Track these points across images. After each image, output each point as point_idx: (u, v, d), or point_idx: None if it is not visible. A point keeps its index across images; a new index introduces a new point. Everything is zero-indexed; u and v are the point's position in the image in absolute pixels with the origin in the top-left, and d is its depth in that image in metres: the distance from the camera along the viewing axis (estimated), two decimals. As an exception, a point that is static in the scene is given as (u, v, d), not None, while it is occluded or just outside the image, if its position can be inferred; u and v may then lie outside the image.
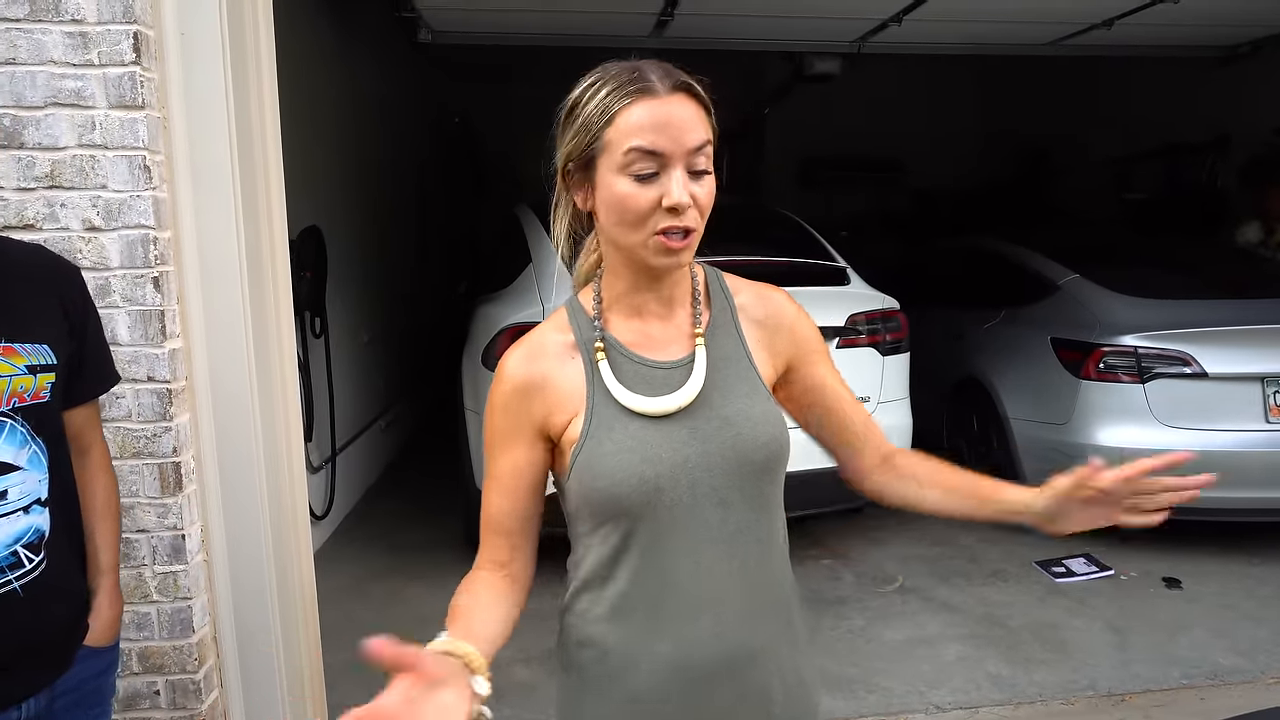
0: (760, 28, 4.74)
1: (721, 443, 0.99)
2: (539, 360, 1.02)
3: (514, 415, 1.01)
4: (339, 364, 4.17)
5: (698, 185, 0.94)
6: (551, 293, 3.35)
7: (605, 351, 1.01)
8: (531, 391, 1.00)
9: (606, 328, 1.03)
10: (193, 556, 1.92)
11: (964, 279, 4.87)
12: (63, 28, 1.74)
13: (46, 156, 1.76)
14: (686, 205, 0.92)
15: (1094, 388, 3.61)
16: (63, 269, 1.36)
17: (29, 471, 1.25)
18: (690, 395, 0.99)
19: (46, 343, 1.26)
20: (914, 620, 3.16)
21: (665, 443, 0.98)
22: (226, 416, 1.95)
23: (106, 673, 1.41)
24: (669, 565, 0.99)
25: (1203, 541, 3.73)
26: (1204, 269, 4.37)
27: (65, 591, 1.32)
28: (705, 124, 0.95)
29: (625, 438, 0.98)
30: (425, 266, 6.65)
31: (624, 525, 0.98)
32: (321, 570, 2.98)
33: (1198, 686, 2.70)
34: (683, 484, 0.97)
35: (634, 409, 0.98)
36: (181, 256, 1.88)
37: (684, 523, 0.98)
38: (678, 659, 1.00)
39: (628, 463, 0.97)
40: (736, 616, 1.01)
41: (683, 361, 1.02)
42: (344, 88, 4.56)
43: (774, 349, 1.07)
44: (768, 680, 1.04)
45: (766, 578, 1.04)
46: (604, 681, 1.03)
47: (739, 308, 1.07)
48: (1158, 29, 4.79)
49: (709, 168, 0.95)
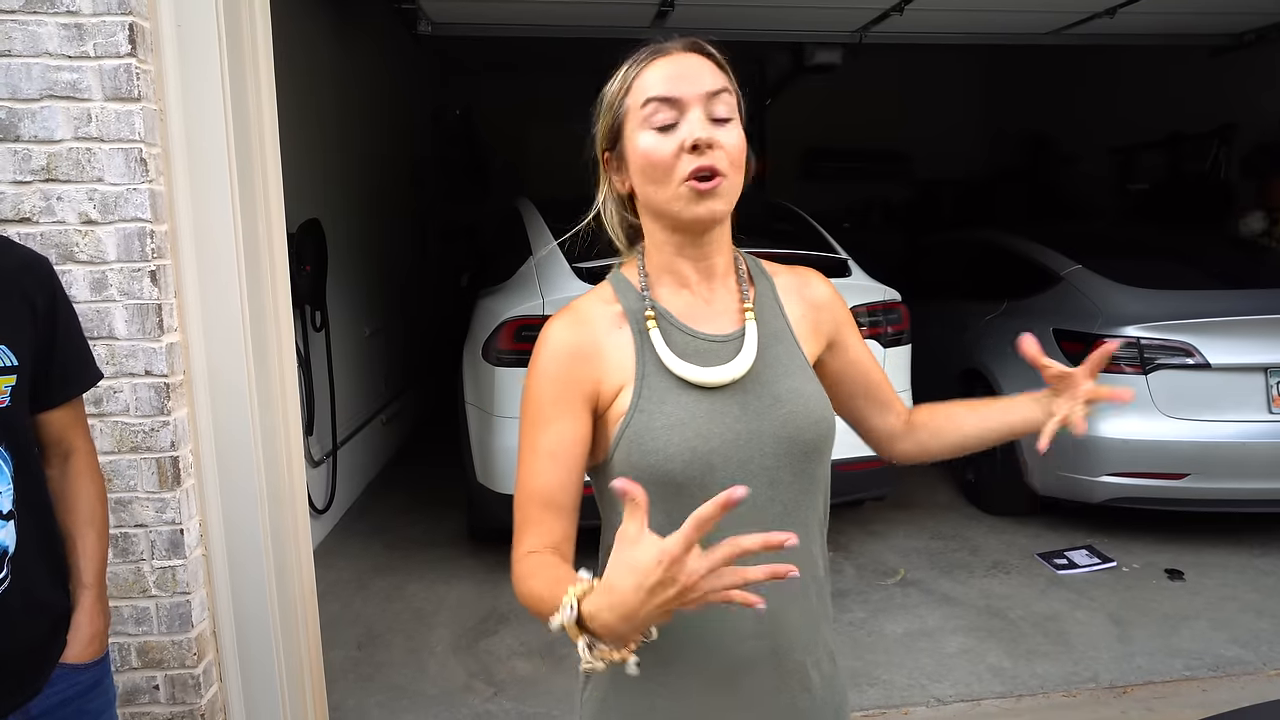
0: (761, 17, 4.72)
1: (773, 420, 0.97)
2: (588, 327, 0.99)
3: (563, 383, 0.96)
4: (340, 358, 4.16)
5: (721, 130, 0.93)
6: (552, 286, 3.34)
7: (656, 320, 0.98)
8: (581, 358, 0.96)
9: (655, 299, 1.00)
10: (191, 551, 1.91)
11: (966, 270, 4.86)
12: (58, 19, 1.72)
13: (42, 149, 1.75)
14: (705, 141, 0.91)
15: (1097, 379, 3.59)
16: (27, 261, 1.25)
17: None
18: (744, 367, 0.97)
19: (5, 343, 1.17)
20: (915, 613, 3.15)
21: (717, 417, 0.95)
22: (225, 411, 1.94)
23: (92, 691, 1.31)
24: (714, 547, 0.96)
25: (1205, 533, 3.72)
26: (1207, 259, 4.35)
27: (36, 607, 1.22)
28: (722, 76, 0.96)
29: (677, 409, 0.94)
30: (426, 260, 6.64)
31: (670, 504, 0.92)
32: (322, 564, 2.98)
33: (1200, 679, 2.69)
34: (734, 461, 0.94)
35: (688, 379, 0.95)
36: (179, 250, 1.87)
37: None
38: (723, 641, 0.97)
39: (680, 436, 0.93)
40: (781, 598, 0.97)
41: (733, 335, 1.00)
42: (343, 80, 4.54)
43: (818, 328, 1.08)
44: (805, 661, 1.03)
45: (808, 558, 1.02)
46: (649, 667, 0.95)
47: (780, 288, 1.07)
48: (1161, 17, 4.76)
49: (731, 115, 0.94)
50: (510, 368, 3.29)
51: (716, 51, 0.97)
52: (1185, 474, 3.48)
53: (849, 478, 3.41)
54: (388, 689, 2.72)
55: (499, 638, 3.04)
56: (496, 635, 3.06)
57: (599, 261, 3.45)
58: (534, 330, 3.27)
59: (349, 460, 4.34)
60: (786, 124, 7.97)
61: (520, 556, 0.95)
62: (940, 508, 4.22)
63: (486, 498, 3.46)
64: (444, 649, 2.98)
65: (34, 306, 1.22)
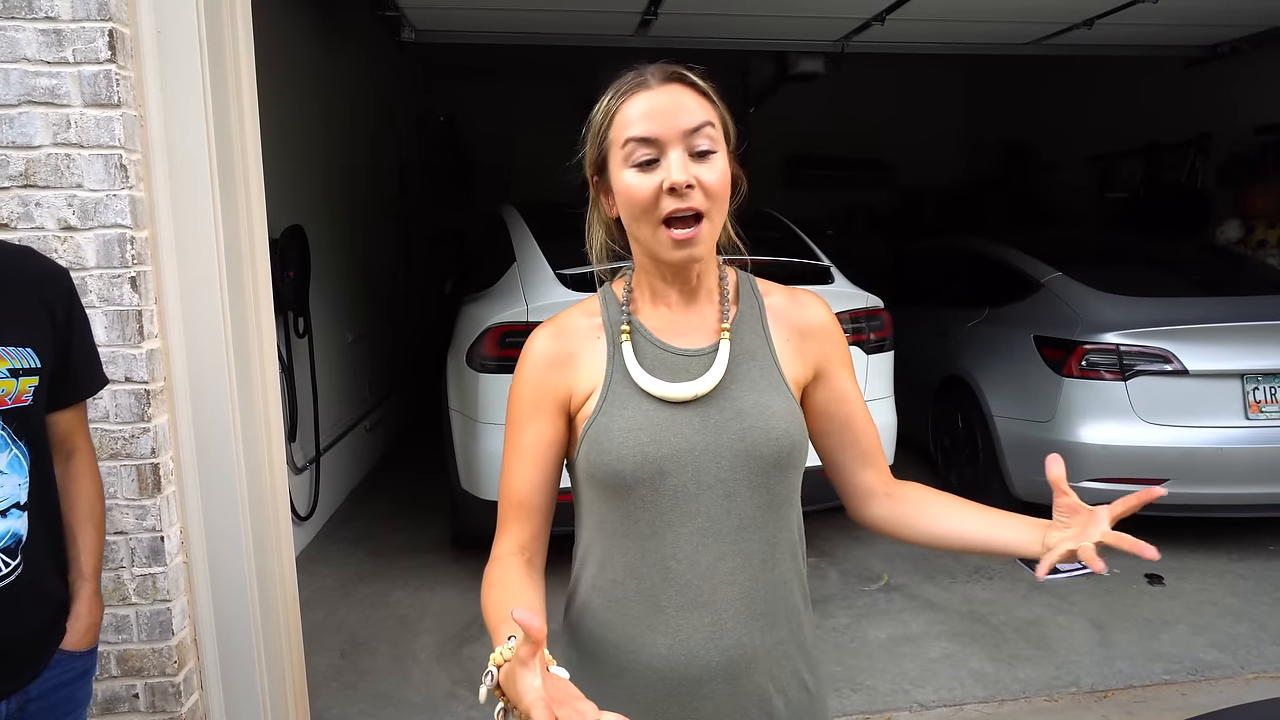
0: (744, 26, 4.75)
1: (732, 434, 0.98)
2: (566, 338, 1.04)
3: (539, 389, 1.02)
4: (323, 364, 4.14)
5: (702, 166, 0.94)
6: (535, 293, 3.34)
7: (630, 334, 1.03)
8: (557, 366, 1.02)
9: (635, 314, 1.05)
10: (172, 558, 1.90)
11: (948, 277, 4.90)
12: (36, 25, 1.71)
13: (20, 155, 1.74)
14: (683, 183, 0.92)
15: (1076, 385, 3.63)
16: (50, 272, 1.35)
17: (8, 475, 1.24)
18: (708, 384, 0.99)
19: (30, 346, 1.26)
20: (899, 618, 3.17)
21: (675, 427, 0.98)
22: (206, 417, 1.93)
23: (82, 679, 1.39)
24: (668, 555, 0.98)
25: (1184, 538, 3.76)
26: (1184, 267, 4.42)
27: (42, 596, 1.31)
28: (705, 107, 0.96)
29: (637, 416, 0.98)
30: (410, 266, 6.62)
31: (625, 506, 0.98)
32: (305, 572, 2.96)
33: (1179, 682, 2.72)
34: (688, 470, 0.97)
35: (649, 391, 0.99)
36: (159, 256, 1.86)
37: (687, 511, 0.97)
38: (674, 656, 0.99)
39: (635, 440, 0.97)
40: (737, 616, 0.99)
41: (705, 351, 1.02)
42: (326, 85, 4.52)
43: (804, 352, 1.06)
44: (767, 687, 1.02)
45: (773, 579, 1.02)
46: (603, 676, 1.02)
47: (769, 308, 1.07)
48: (1137, 28, 4.83)
49: (713, 148, 0.95)
50: (494, 374, 3.29)
51: (699, 79, 0.98)
52: (1164, 479, 3.52)
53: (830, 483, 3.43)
54: (371, 697, 2.70)
55: (483, 644, 3.03)
56: (480, 642, 3.05)
57: (583, 268, 3.46)
58: (518, 336, 3.27)
59: (332, 467, 4.32)
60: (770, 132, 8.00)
61: (494, 558, 1.02)
62: (923, 513, 4.24)
63: (470, 504, 3.45)
64: (428, 656, 2.96)
65: (53, 314, 1.31)
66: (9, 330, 1.24)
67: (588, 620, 1.04)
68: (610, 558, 1.01)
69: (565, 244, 3.66)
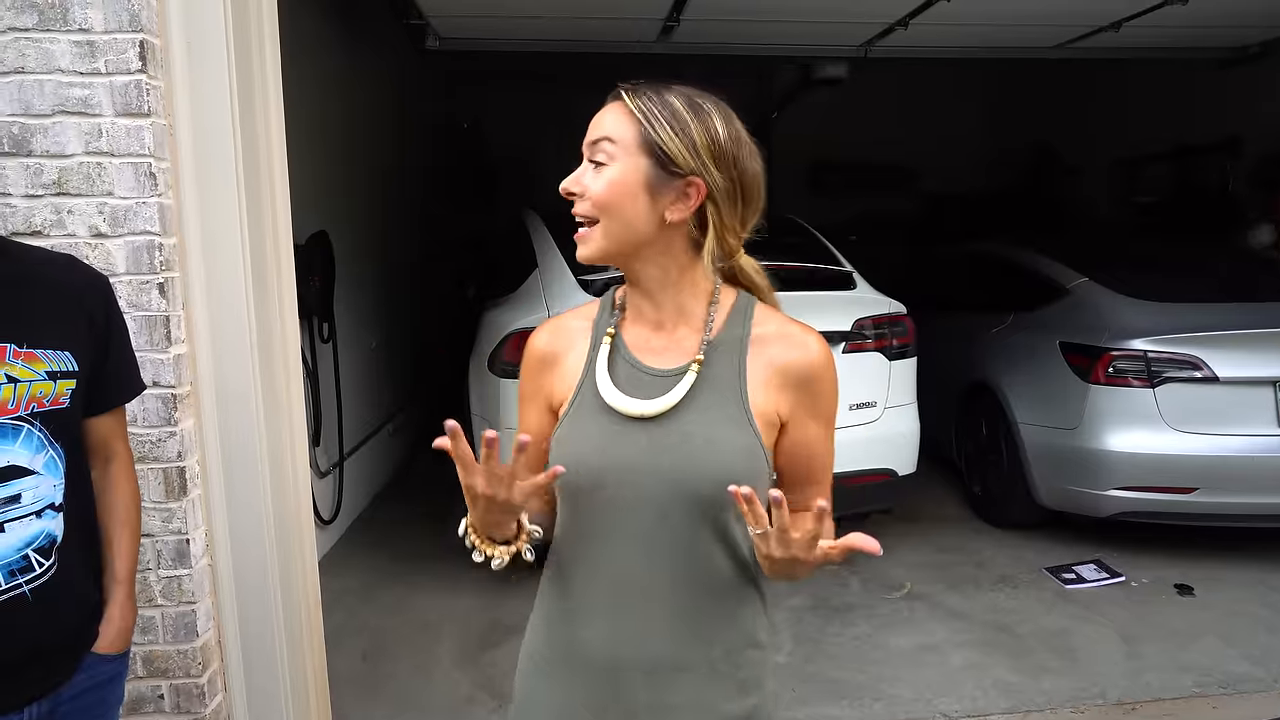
0: (766, 32, 4.75)
1: (674, 457, 1.01)
2: (558, 338, 1.13)
3: (532, 382, 1.14)
4: (347, 369, 4.18)
5: (593, 176, 1.02)
6: (557, 299, 3.36)
7: (611, 344, 1.08)
8: (545, 365, 1.12)
9: (621, 325, 1.10)
10: (197, 561, 1.92)
11: (972, 283, 4.86)
12: (70, 36, 1.75)
13: (54, 164, 1.77)
14: (566, 190, 1.03)
15: (1103, 392, 3.58)
16: (91, 278, 1.38)
17: (44, 476, 1.26)
18: (661, 406, 1.02)
19: (68, 350, 1.28)
20: (921, 627, 3.14)
21: (623, 442, 1.03)
22: (231, 421, 1.96)
23: (113, 682, 1.40)
24: (604, 556, 1.05)
25: (1215, 548, 3.69)
26: (1215, 272, 4.34)
27: (75, 597, 1.32)
28: (621, 125, 1.01)
29: (592, 426, 1.05)
30: (434, 272, 6.67)
31: (573, 507, 1.07)
32: (328, 575, 2.98)
33: (1210, 695, 2.67)
34: (626, 483, 1.02)
35: (608, 403, 1.04)
36: (187, 262, 1.89)
37: (622, 520, 1.03)
38: (603, 652, 1.06)
39: (581, 449, 1.04)
40: (663, 631, 1.04)
41: (674, 373, 1.05)
42: (351, 94, 4.58)
43: (779, 390, 1.05)
44: (695, 697, 1.05)
45: (706, 602, 1.04)
46: (554, 654, 1.11)
47: (755, 338, 1.06)
48: (1165, 31, 4.77)
49: (608, 160, 1.01)
50: (515, 379, 3.30)
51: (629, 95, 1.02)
52: (1194, 488, 3.46)
53: (853, 491, 3.41)
54: (392, 700, 2.72)
55: (503, 650, 3.04)
56: (501, 647, 3.06)
57: (604, 275, 3.47)
58: (539, 342, 3.28)
59: (355, 471, 4.36)
60: (793, 137, 7.99)
61: None
62: (946, 521, 4.20)
63: (492, 509, 3.46)
64: (449, 661, 2.98)
65: (93, 320, 1.34)
66: (47, 334, 1.27)
67: (544, 602, 1.15)
68: (560, 549, 1.11)
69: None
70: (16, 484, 1.22)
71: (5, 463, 1.21)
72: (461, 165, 7.81)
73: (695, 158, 0.99)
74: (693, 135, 1.00)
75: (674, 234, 1.03)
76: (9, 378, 1.21)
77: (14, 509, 1.22)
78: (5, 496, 1.21)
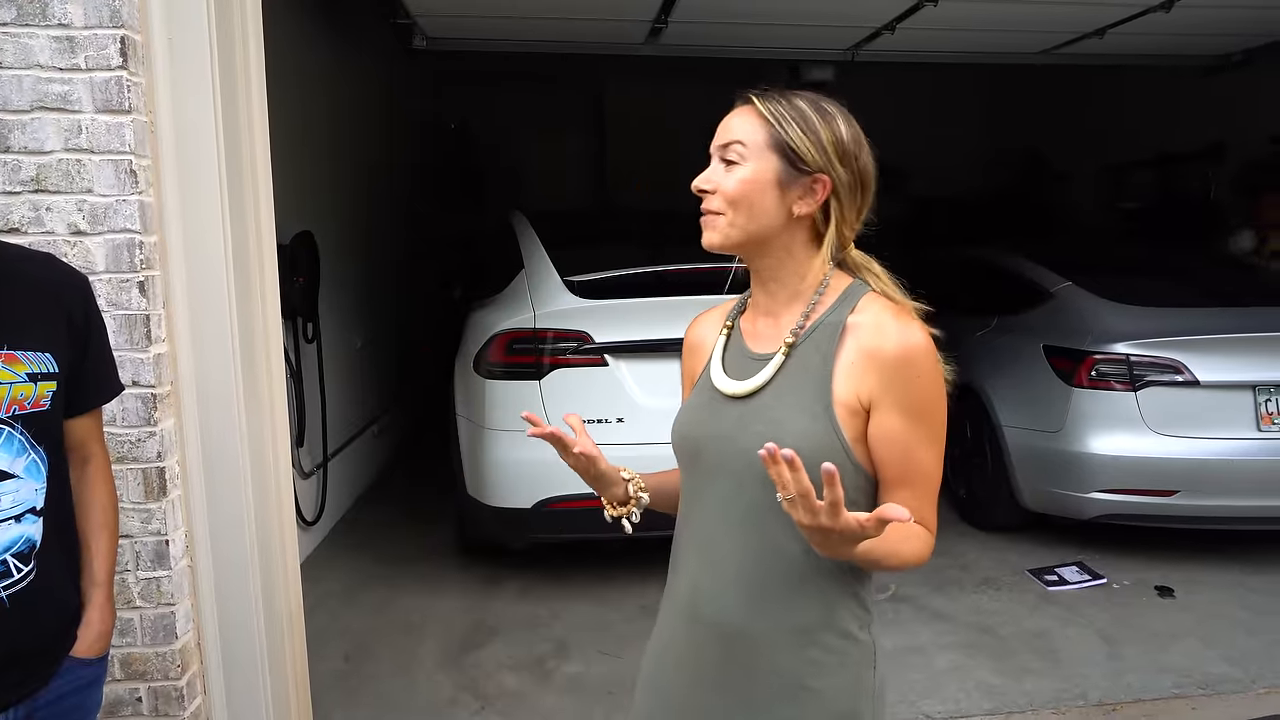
0: (753, 35, 4.76)
1: (749, 434, 1.08)
2: (704, 326, 1.28)
3: (685, 366, 1.30)
4: (331, 370, 4.16)
5: (724, 174, 1.11)
6: (543, 300, 3.35)
7: (729, 333, 1.21)
8: (690, 350, 1.29)
9: (742, 315, 1.22)
10: (176, 562, 1.90)
11: (957, 287, 4.88)
12: (49, 32, 1.73)
13: (32, 160, 1.75)
14: (698, 187, 1.12)
15: (1086, 396, 3.61)
16: (70, 278, 1.36)
17: (25, 480, 1.24)
18: (749, 386, 1.12)
19: (48, 351, 1.27)
20: (906, 629, 3.15)
21: (718, 417, 1.14)
22: (212, 421, 1.94)
23: (92, 686, 1.38)
24: (695, 516, 1.17)
25: (1195, 550, 3.72)
26: (1196, 277, 4.38)
27: (54, 602, 1.31)
28: (752, 127, 1.10)
29: (698, 403, 1.19)
30: (419, 272, 6.65)
31: (682, 470, 1.21)
32: (311, 577, 2.97)
33: (1189, 696, 2.69)
34: (716, 453, 1.13)
35: (714, 383, 1.16)
36: (168, 261, 1.87)
37: (710, 487, 1.14)
38: (685, 599, 1.17)
39: (687, 422, 1.19)
40: (729, 592, 1.12)
41: (768, 356, 1.14)
42: (337, 93, 4.55)
43: (864, 375, 1.07)
44: (754, 665, 1.11)
45: (772, 573, 1.10)
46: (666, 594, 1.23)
47: (850, 326, 1.09)
48: (1150, 38, 4.82)
49: (740, 160, 1.10)
50: (501, 380, 3.30)
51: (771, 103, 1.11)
52: (1174, 491, 3.49)
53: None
54: (375, 702, 2.70)
55: (487, 651, 3.03)
56: (484, 649, 3.04)
57: (590, 275, 3.47)
58: (525, 343, 3.27)
59: (339, 472, 4.33)
60: (781, 140, 8.01)
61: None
62: (931, 523, 4.22)
63: (477, 510, 3.45)
64: (432, 662, 2.96)
65: (72, 320, 1.32)
66: (29, 335, 1.25)
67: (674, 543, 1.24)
68: (680, 505, 1.22)
69: (573, 251, 3.68)
70: None
71: None
72: (448, 165, 7.78)
73: (823, 155, 1.09)
74: (820, 135, 1.09)
75: (798, 226, 1.12)
76: None
77: None
78: None
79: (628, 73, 2.87)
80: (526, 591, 3.50)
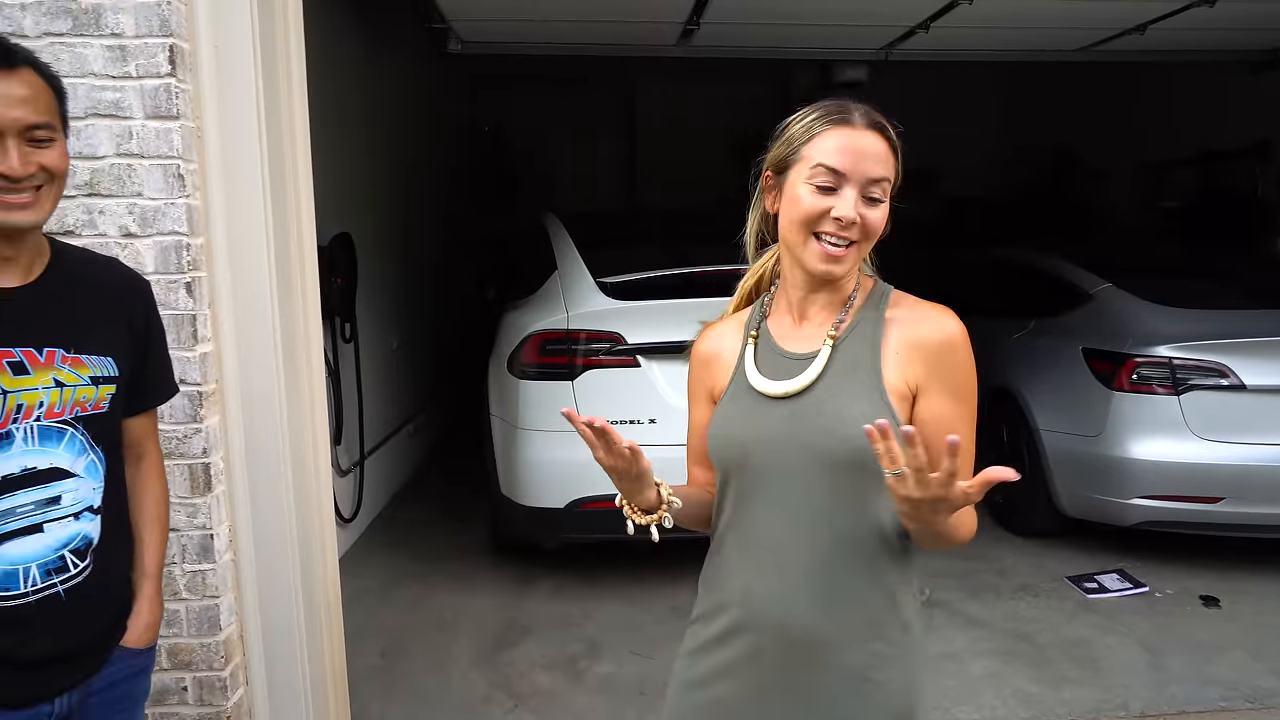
0: (786, 35, 4.74)
1: (811, 429, 1.10)
2: (719, 337, 1.27)
3: (696, 379, 1.28)
4: (368, 369, 4.22)
5: (870, 209, 1.10)
6: (576, 301, 3.37)
7: (756, 339, 1.21)
8: (704, 363, 1.27)
9: (766, 319, 1.23)
10: (220, 556, 1.95)
11: (994, 288, 4.81)
12: (103, 41, 1.79)
13: (86, 165, 1.81)
14: (851, 220, 1.09)
15: (1127, 399, 3.54)
16: (134, 284, 1.40)
17: (84, 479, 1.27)
18: (799, 384, 1.13)
19: (111, 355, 1.30)
20: (941, 635, 3.11)
21: (765, 418, 1.14)
22: (255, 419, 1.99)
23: (140, 676, 1.42)
24: (750, 518, 1.16)
25: (1241, 559, 3.63)
26: (1242, 278, 4.27)
27: (108, 596, 1.35)
28: (889, 164, 1.11)
29: (738, 407, 1.18)
30: (454, 273, 6.72)
31: (725, 479, 1.19)
32: (348, 573, 3.02)
33: (1236, 710, 2.62)
34: (769, 454, 1.13)
35: (754, 386, 1.17)
36: (213, 262, 1.92)
37: (766, 488, 1.14)
38: (744, 604, 1.15)
39: (730, 428, 1.18)
40: (797, 592, 1.12)
41: (810, 355, 1.15)
42: (374, 97, 4.62)
43: (909, 365, 1.13)
44: (817, 664, 1.11)
45: (840, 568, 1.11)
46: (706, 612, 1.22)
47: (889, 319, 1.15)
48: (1192, 34, 4.70)
49: (883, 199, 1.11)
50: (535, 380, 3.32)
51: (894, 135, 1.13)
52: (1219, 498, 3.40)
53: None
54: (410, 699, 2.74)
55: (520, 649, 3.05)
56: (518, 647, 3.07)
57: (622, 276, 3.48)
58: (558, 344, 3.30)
59: (376, 470, 4.39)
60: (814, 141, 7.96)
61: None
62: (967, 528, 4.16)
63: (510, 509, 3.48)
64: (466, 660, 2.99)
65: (133, 323, 1.36)
66: (92, 338, 1.28)
67: (706, 565, 1.25)
68: (717, 522, 1.22)
69: (606, 252, 3.70)
70: (57, 486, 1.24)
71: (48, 465, 1.23)
72: (483, 167, 7.86)
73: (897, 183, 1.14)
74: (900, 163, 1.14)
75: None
76: (56, 382, 1.23)
77: (54, 510, 1.24)
78: (46, 498, 1.23)
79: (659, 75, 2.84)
80: (559, 591, 3.52)
